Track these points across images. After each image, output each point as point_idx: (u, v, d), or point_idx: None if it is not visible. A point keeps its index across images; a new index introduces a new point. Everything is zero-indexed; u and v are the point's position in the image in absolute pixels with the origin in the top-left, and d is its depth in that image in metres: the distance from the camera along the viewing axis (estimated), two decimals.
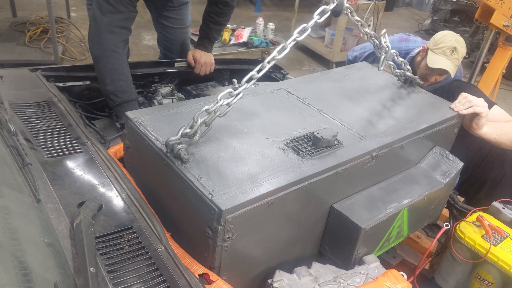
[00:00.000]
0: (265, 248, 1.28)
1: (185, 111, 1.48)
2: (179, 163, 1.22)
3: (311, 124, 1.52)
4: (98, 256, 1.05)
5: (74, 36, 5.47)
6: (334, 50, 6.16)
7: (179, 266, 1.08)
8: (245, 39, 5.07)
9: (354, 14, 1.60)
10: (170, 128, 1.36)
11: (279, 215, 1.24)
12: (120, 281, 1.01)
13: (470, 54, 7.13)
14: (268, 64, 1.33)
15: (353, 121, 1.57)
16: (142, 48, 5.90)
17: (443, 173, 1.68)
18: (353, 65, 2.13)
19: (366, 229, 1.33)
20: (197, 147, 1.29)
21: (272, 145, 1.37)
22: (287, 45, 1.35)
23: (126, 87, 1.95)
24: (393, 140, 1.50)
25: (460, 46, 2.50)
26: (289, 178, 1.23)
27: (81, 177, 1.32)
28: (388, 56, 1.77)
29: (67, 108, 1.68)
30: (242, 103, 1.35)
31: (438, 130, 1.71)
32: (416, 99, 1.83)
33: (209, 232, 1.13)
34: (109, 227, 1.15)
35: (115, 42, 1.94)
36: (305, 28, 1.36)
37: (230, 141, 1.35)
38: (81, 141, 1.49)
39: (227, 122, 1.40)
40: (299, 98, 1.69)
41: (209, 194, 1.12)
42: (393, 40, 2.96)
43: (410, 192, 1.54)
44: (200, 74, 2.53)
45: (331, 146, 1.38)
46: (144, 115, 1.42)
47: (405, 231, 1.60)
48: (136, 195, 1.28)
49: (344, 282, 1.25)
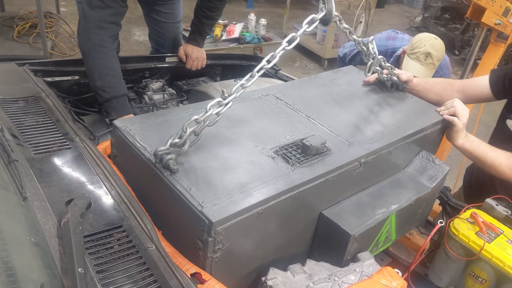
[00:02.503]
0: (255, 255, 1.28)
1: (174, 119, 1.47)
2: (168, 173, 1.20)
3: (300, 130, 1.52)
4: (87, 255, 1.02)
5: (63, 31, 5.39)
6: (326, 47, 6.16)
7: (171, 265, 1.05)
8: (236, 35, 5.04)
9: (342, 22, 1.60)
10: (158, 137, 1.34)
11: (269, 224, 1.24)
12: (110, 282, 0.98)
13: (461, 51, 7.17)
14: (257, 73, 1.33)
15: (341, 127, 1.58)
16: (132, 44, 5.84)
17: (430, 178, 1.70)
18: (340, 69, 2.15)
19: (355, 235, 1.33)
20: (186, 157, 1.27)
21: (262, 153, 1.36)
22: (276, 54, 1.36)
23: (115, 82, 1.91)
24: (381, 146, 1.51)
25: (435, 50, 2.52)
26: (279, 187, 1.22)
27: (70, 174, 1.29)
28: (375, 62, 1.79)
29: (55, 103, 1.64)
30: (231, 110, 1.34)
31: (425, 134, 1.72)
32: (403, 104, 1.85)
33: (199, 243, 1.12)
34: (98, 226, 1.12)
35: (104, 37, 1.90)
36: (293, 37, 1.38)
37: (219, 150, 1.34)
38: (70, 137, 1.45)
39: (216, 130, 1.38)
40: (287, 104, 1.68)
41: (199, 205, 1.11)
42: (380, 38, 2.97)
43: (398, 197, 1.55)
44: (191, 69, 2.49)
45: (320, 153, 1.38)
46: (132, 124, 1.39)
47: (393, 236, 1.61)
48: (126, 192, 1.25)
49: (338, 280, 1.23)
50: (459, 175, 3.24)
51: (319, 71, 6.24)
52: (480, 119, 3.04)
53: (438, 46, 2.56)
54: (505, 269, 1.44)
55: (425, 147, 1.78)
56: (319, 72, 6.20)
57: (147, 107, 2.18)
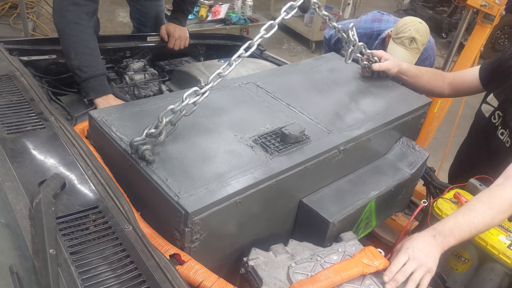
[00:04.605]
0: (235, 242, 1.28)
1: (151, 108, 1.44)
2: (145, 164, 1.19)
3: (280, 119, 1.51)
4: (61, 237, 0.99)
5: (45, 12, 5.25)
6: (314, 29, 6.10)
7: (148, 246, 1.02)
8: (222, 16, 4.96)
9: (322, 9, 1.58)
10: (135, 127, 1.32)
11: (248, 213, 1.24)
12: (84, 263, 0.95)
13: (449, 33, 7.17)
14: (235, 62, 1.31)
15: (321, 115, 1.57)
16: (117, 25, 5.72)
17: (410, 164, 1.71)
18: (321, 56, 2.14)
19: (335, 223, 1.34)
20: (163, 147, 1.26)
21: (240, 142, 1.35)
22: (254, 42, 1.34)
23: (92, 61, 1.85)
24: (360, 134, 1.51)
25: (420, 35, 2.52)
26: (257, 176, 1.22)
27: (43, 154, 1.24)
28: (355, 49, 1.77)
29: (30, 83, 1.58)
30: (210, 99, 1.33)
31: (405, 121, 1.72)
32: (384, 90, 1.85)
33: (176, 234, 1.11)
34: (73, 207, 1.08)
35: (80, 14, 1.83)
36: (272, 25, 1.36)
37: (197, 139, 1.32)
38: (44, 116, 1.40)
39: (194, 119, 1.36)
40: (268, 92, 1.67)
41: (175, 196, 1.10)
42: (366, 20, 2.94)
43: (378, 183, 1.56)
44: (174, 48, 2.43)
45: (299, 141, 1.38)
46: (108, 114, 1.37)
47: (373, 222, 1.62)
48: (103, 173, 1.21)
49: (321, 260, 1.22)
50: (444, 157, 3.25)
51: (307, 54, 6.19)
52: (465, 101, 3.03)
53: (423, 30, 2.55)
54: (488, 248, 1.45)
55: (405, 134, 1.78)
56: (307, 54, 6.16)
57: (128, 88, 2.13)
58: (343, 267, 1.18)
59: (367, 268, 1.19)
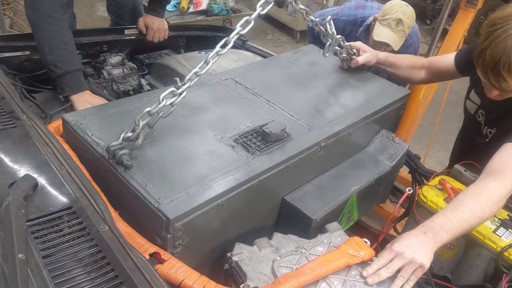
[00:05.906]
0: (218, 242, 1.26)
1: (127, 109, 1.40)
2: (123, 169, 1.15)
3: (260, 116, 1.48)
4: (32, 240, 0.95)
5: (22, 9, 5.09)
6: (298, 19, 6.04)
7: (125, 246, 0.99)
8: (204, 7, 4.89)
9: (298, 2, 1.55)
10: (111, 130, 1.27)
11: (231, 214, 1.22)
12: (57, 266, 0.91)
13: (433, 20, 7.18)
14: (212, 60, 1.27)
15: (301, 110, 1.56)
16: (96, 20, 5.60)
17: (390, 156, 1.72)
18: (300, 49, 2.11)
19: (317, 219, 1.34)
20: (141, 150, 1.22)
21: (221, 142, 1.32)
22: (230, 39, 1.30)
23: (67, 56, 1.78)
24: (341, 129, 1.51)
25: (407, 17, 2.52)
26: (239, 177, 1.20)
27: (14, 155, 1.19)
28: (334, 42, 1.75)
29: (1, 80, 1.52)
30: (188, 97, 1.29)
31: (384, 113, 1.72)
32: (363, 83, 1.84)
33: (158, 240, 1.08)
34: (45, 208, 1.04)
35: (53, 7, 1.75)
36: (248, 20, 1.33)
37: (176, 141, 1.29)
38: (15, 115, 1.35)
39: (172, 119, 1.32)
40: (247, 88, 1.64)
41: (155, 202, 1.07)
42: (349, 7, 2.91)
43: (359, 178, 1.57)
44: (153, 41, 2.37)
45: (280, 140, 1.36)
46: (83, 117, 1.32)
47: (355, 215, 1.62)
48: (78, 172, 1.17)
49: (306, 252, 1.20)
50: (430, 143, 3.26)
51: (292, 44, 6.14)
52: (450, 87, 3.03)
53: (409, 13, 2.55)
54: (473, 234, 1.44)
55: (385, 126, 1.78)
56: (291, 45, 6.11)
57: (105, 83, 2.07)
58: (328, 259, 1.15)
59: (353, 259, 1.17)
